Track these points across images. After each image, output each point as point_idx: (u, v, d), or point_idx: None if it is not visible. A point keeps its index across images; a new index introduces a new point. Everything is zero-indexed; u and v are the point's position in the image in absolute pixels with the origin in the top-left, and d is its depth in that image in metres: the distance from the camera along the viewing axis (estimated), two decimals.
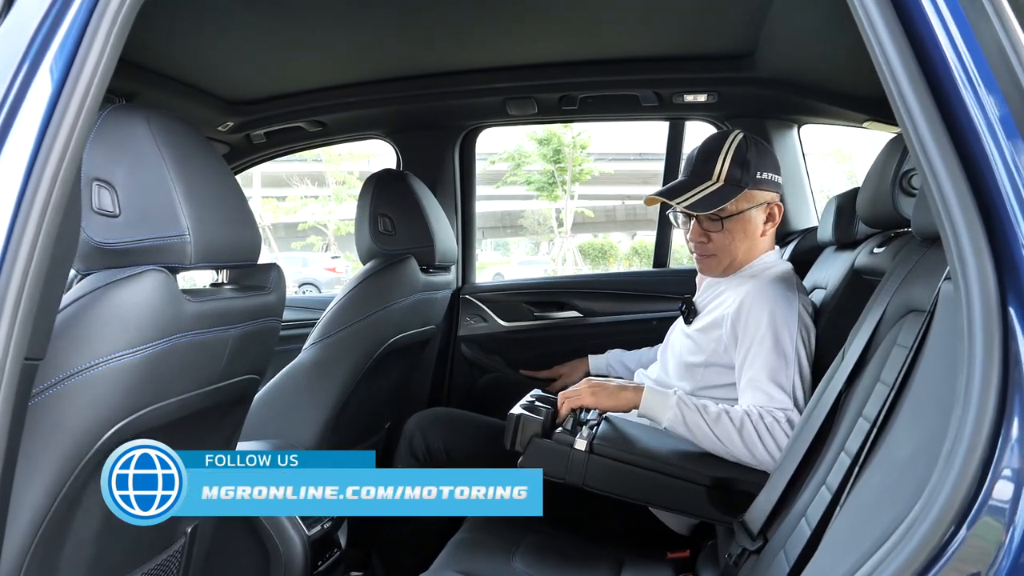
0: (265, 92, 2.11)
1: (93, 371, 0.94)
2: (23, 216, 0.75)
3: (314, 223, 14.98)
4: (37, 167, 0.77)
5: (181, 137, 1.06)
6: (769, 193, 1.54)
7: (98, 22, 0.79)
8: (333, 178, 14.60)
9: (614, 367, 2.02)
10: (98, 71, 0.80)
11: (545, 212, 15.73)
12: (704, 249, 1.56)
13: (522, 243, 16.78)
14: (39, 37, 0.79)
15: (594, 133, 13.98)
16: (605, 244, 14.89)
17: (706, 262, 1.60)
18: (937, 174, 0.65)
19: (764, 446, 1.34)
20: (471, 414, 1.80)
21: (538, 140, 13.74)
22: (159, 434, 1.08)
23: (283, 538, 1.47)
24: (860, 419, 1.06)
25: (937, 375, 0.74)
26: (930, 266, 1.04)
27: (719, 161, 1.51)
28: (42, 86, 0.78)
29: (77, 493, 1.00)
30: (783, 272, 1.54)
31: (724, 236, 1.53)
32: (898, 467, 0.73)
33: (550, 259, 15.32)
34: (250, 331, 1.18)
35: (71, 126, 0.78)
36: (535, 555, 1.47)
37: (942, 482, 0.59)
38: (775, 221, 1.56)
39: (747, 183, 1.50)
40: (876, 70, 0.69)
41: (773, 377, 1.40)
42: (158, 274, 0.98)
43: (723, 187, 1.50)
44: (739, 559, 1.23)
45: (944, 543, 0.59)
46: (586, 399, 1.42)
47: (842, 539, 0.79)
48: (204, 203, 1.04)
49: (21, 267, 0.76)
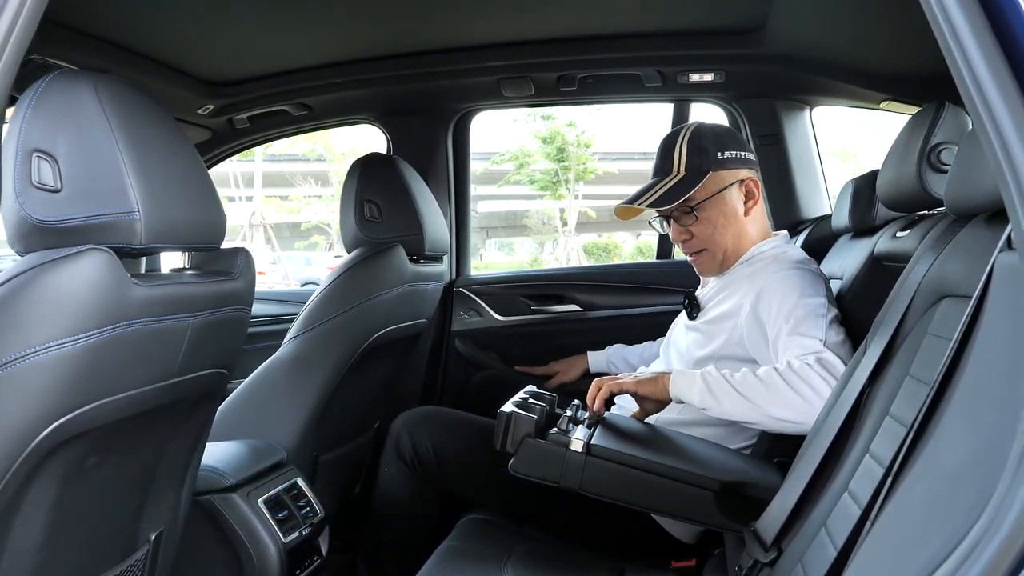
0: (246, 72, 2.01)
1: (23, 363, 0.84)
2: None
3: (317, 222, 14.95)
4: None
5: (134, 105, 0.96)
6: (738, 171, 1.50)
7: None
8: (336, 177, 14.55)
9: (615, 364, 1.91)
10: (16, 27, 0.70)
11: (549, 212, 15.66)
12: (691, 246, 1.53)
13: (526, 243, 16.71)
14: None
15: (597, 132, 13.92)
16: (609, 244, 14.82)
17: (699, 261, 1.55)
18: (1000, 125, 0.54)
19: (798, 393, 1.23)
20: (462, 413, 1.70)
21: (541, 139, 13.67)
22: (106, 435, 0.98)
23: (256, 545, 1.37)
24: (888, 419, 0.95)
25: (994, 367, 0.63)
26: (967, 245, 0.94)
27: (676, 153, 1.50)
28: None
29: (12, 499, 0.90)
30: (802, 257, 1.48)
31: (703, 226, 1.49)
32: (948, 477, 0.62)
33: (554, 259, 15.25)
34: (212, 320, 1.08)
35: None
36: (528, 565, 1.37)
37: (1013, 494, 0.48)
38: (756, 198, 1.52)
39: (709, 166, 1.48)
40: (927, 18, 0.58)
41: (799, 330, 1.31)
42: (100, 254, 0.88)
43: (685, 177, 1.48)
44: (750, 571, 1.12)
45: (1016, 566, 0.48)
46: (628, 384, 1.35)
47: (883, 558, 0.68)
48: (157, 178, 0.95)
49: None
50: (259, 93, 2.05)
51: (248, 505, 1.38)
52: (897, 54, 1.64)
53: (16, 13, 0.70)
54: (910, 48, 1.61)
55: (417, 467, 1.60)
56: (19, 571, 0.96)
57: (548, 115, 12.62)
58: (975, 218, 0.95)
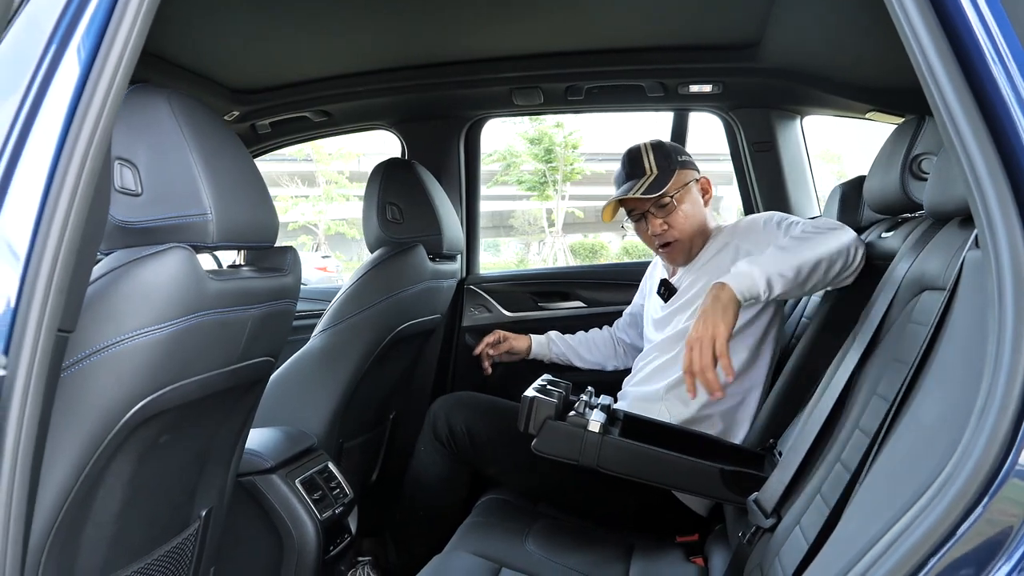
0: (271, 81, 2.10)
1: (118, 347, 0.94)
2: (55, 191, 0.76)
3: (304, 223, 14.91)
4: (68, 144, 0.77)
5: (201, 118, 1.06)
6: (694, 172, 1.75)
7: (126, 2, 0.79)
8: (323, 177, 14.55)
9: (556, 343, 2.03)
10: (127, 50, 0.80)
11: (535, 212, 15.74)
12: (666, 236, 1.71)
13: (513, 243, 16.77)
14: (67, 16, 0.79)
15: (584, 133, 14.02)
16: (596, 244, 14.92)
17: (672, 251, 1.74)
18: (967, 145, 0.66)
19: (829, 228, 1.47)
20: (493, 398, 1.81)
21: (529, 139, 13.74)
22: (179, 415, 1.09)
23: (296, 522, 1.47)
24: (875, 397, 1.07)
25: (962, 343, 0.76)
26: (943, 245, 1.06)
27: (644, 159, 1.72)
28: (70, 66, 0.79)
29: (100, 471, 1.00)
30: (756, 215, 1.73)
31: (679, 216, 1.70)
32: (925, 432, 0.75)
33: (540, 259, 15.32)
34: (269, 312, 1.19)
35: (100, 105, 0.78)
36: (547, 538, 1.48)
37: (975, 440, 0.61)
38: (710, 192, 1.77)
39: (675, 166, 1.71)
40: (907, 52, 0.70)
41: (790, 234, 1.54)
42: (182, 251, 0.98)
43: (659, 175, 1.69)
44: (752, 536, 1.24)
45: (978, 498, 0.60)
46: (720, 331, 1.31)
47: (868, 506, 0.80)
48: (225, 183, 1.05)
49: (55, 239, 0.76)
50: (283, 100, 2.15)
51: (287, 485, 1.48)
52: (882, 68, 1.77)
53: (126, 40, 0.80)
54: (893, 63, 1.74)
55: (452, 446, 1.71)
56: (99, 539, 1.06)
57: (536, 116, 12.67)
58: (950, 221, 1.08)
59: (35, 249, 0.75)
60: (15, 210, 0.75)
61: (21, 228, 0.75)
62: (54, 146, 0.77)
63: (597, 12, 1.80)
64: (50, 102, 0.78)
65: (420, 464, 1.75)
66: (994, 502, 0.60)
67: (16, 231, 0.75)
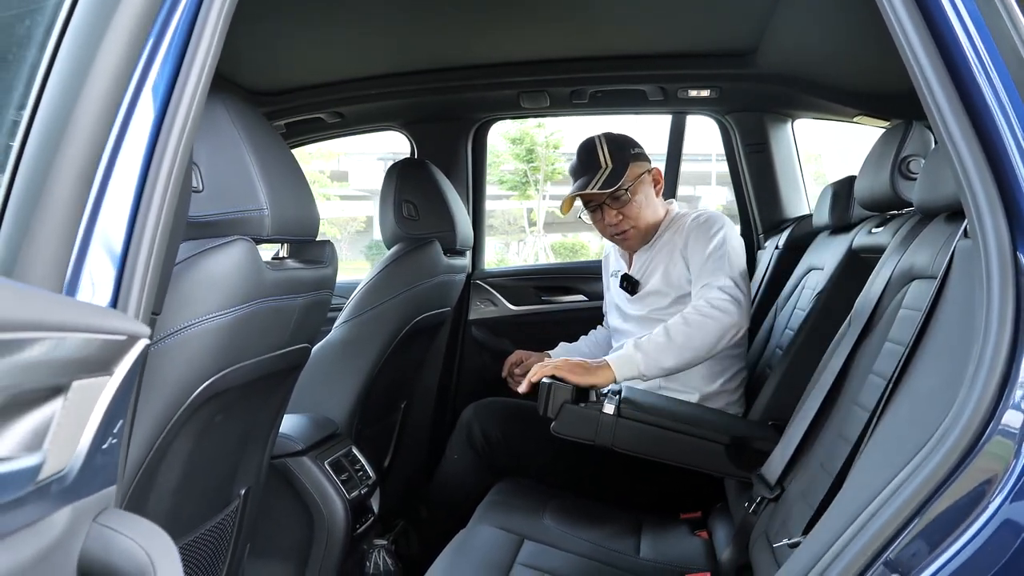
0: (287, 84, 2.18)
1: (190, 330, 1.02)
2: (147, 192, 0.83)
3: None
4: (159, 146, 0.84)
5: (253, 120, 1.14)
6: (645, 163, 1.83)
7: (207, 10, 0.87)
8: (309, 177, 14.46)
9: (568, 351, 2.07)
10: (208, 58, 0.88)
11: (515, 212, 15.79)
12: (622, 226, 1.82)
13: (493, 243, 16.81)
14: (154, 30, 0.86)
15: (566, 133, 14.10)
16: (576, 243, 15.03)
17: (627, 238, 1.85)
18: (957, 145, 0.77)
19: (717, 309, 1.55)
20: (522, 402, 1.86)
21: (511, 139, 13.79)
22: (234, 396, 1.17)
23: (326, 501, 1.54)
24: (871, 376, 1.17)
25: (955, 322, 0.86)
26: (931, 238, 1.17)
27: (599, 153, 1.81)
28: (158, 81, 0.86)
29: (167, 446, 1.07)
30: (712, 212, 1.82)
31: (633, 207, 1.80)
32: (921, 401, 0.85)
33: (521, 259, 15.38)
34: (312, 300, 1.27)
35: (184, 115, 0.85)
36: (563, 514, 1.58)
37: (966, 402, 0.72)
38: (660, 183, 1.86)
39: (629, 158, 1.80)
40: (903, 62, 0.80)
41: (715, 273, 1.64)
42: (245, 243, 1.07)
43: (614, 168, 1.79)
44: (757, 507, 1.34)
45: (967, 452, 0.71)
46: (564, 371, 1.48)
47: (869, 468, 0.90)
48: (276, 180, 1.13)
49: (150, 232, 0.84)
50: (299, 102, 2.22)
51: (317, 467, 1.56)
52: (871, 75, 1.89)
53: (207, 50, 0.88)
54: (882, 70, 1.86)
55: (486, 455, 1.80)
56: (160, 511, 1.13)
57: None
58: (937, 217, 1.19)
59: (132, 241, 0.83)
60: (112, 210, 0.83)
61: (118, 225, 0.83)
62: (143, 152, 0.84)
63: (602, 19, 1.90)
64: (139, 113, 0.85)
65: (451, 468, 1.83)
66: (980, 456, 0.70)
67: (114, 229, 0.83)
